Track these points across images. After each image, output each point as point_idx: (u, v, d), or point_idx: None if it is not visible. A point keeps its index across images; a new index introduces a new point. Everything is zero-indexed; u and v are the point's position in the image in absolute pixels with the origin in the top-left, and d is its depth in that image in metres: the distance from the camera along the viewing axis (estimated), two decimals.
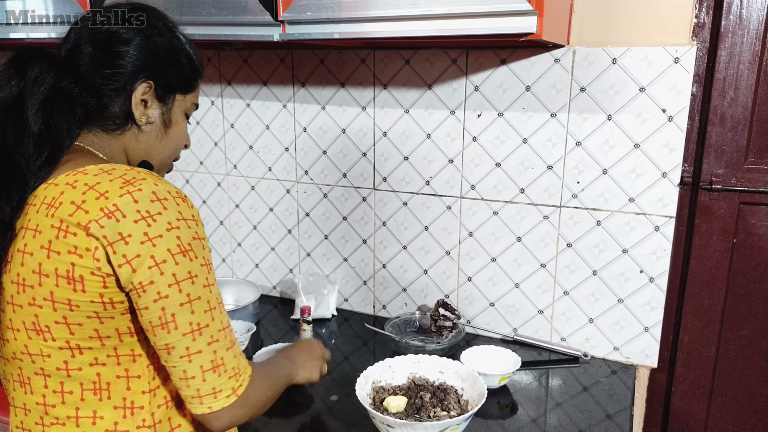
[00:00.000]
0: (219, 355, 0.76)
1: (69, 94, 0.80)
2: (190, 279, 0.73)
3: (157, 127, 0.87)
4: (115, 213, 0.70)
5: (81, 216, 0.71)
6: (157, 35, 0.84)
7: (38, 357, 0.76)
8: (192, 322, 0.74)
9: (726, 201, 1.34)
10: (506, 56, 1.40)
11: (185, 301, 0.73)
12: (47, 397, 0.77)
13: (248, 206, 1.83)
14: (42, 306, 0.74)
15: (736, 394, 1.43)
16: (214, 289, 0.77)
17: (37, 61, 0.79)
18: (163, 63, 0.84)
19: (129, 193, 0.72)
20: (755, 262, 1.35)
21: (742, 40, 1.27)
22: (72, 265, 0.71)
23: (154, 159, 0.90)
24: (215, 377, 0.76)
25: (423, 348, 1.45)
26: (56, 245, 0.72)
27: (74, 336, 0.74)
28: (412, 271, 1.65)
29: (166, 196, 0.74)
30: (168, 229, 0.72)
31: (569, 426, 1.19)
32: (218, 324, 0.76)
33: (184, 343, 0.74)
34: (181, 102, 0.90)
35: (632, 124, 1.33)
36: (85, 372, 0.76)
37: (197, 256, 0.75)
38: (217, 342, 0.76)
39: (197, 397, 0.76)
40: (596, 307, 1.45)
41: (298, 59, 1.64)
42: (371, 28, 1.14)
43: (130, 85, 0.82)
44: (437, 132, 1.52)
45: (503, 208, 1.49)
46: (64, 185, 0.74)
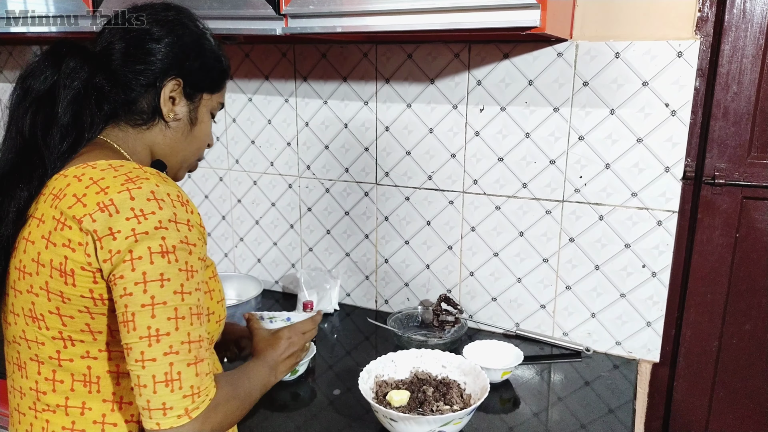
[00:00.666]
0: (175, 369, 0.71)
1: (100, 89, 0.82)
2: (160, 281, 0.71)
3: (183, 124, 0.89)
4: (110, 207, 0.71)
5: (78, 209, 0.72)
6: (188, 35, 0.86)
7: (33, 343, 0.78)
8: (150, 327, 0.70)
9: (729, 195, 1.34)
10: (509, 50, 1.40)
11: (148, 303, 0.70)
12: (39, 384, 0.79)
13: (250, 201, 1.83)
14: (38, 294, 0.75)
15: (737, 388, 1.43)
16: (189, 298, 0.73)
17: (72, 55, 0.80)
18: (193, 62, 0.86)
19: (128, 190, 0.72)
20: (757, 257, 1.35)
21: (745, 34, 1.26)
22: (65, 258, 0.72)
23: (178, 156, 0.90)
24: (167, 392, 0.70)
25: (425, 342, 1.45)
26: (54, 236, 0.73)
27: (66, 327, 0.75)
28: (415, 266, 1.65)
29: (164, 197, 0.74)
30: (156, 228, 0.71)
31: (571, 420, 1.19)
32: (182, 335, 0.71)
33: (140, 347, 0.70)
34: (208, 101, 0.91)
35: (635, 118, 1.33)
36: (76, 363, 0.77)
37: (178, 259, 0.72)
38: (175, 354, 0.71)
39: (146, 410, 0.71)
40: (598, 301, 1.45)
41: (299, 53, 1.64)
42: (373, 22, 1.14)
43: (160, 81, 0.84)
44: (439, 126, 1.52)
45: (505, 203, 1.49)
46: (72, 177, 0.75)
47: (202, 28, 0.90)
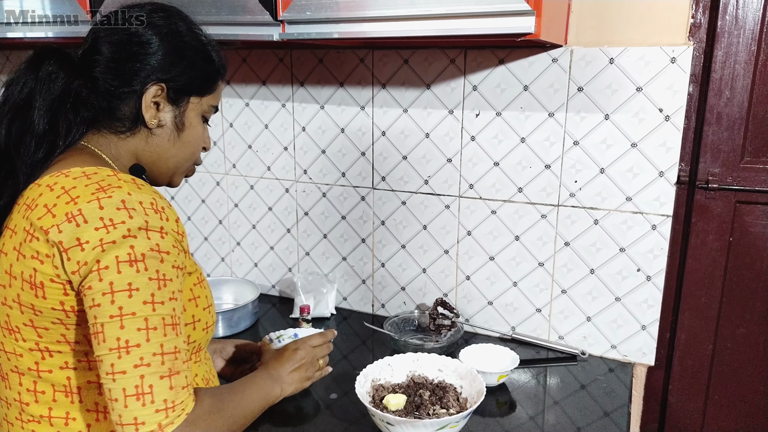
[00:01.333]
0: (147, 382, 0.68)
1: (77, 95, 0.80)
2: (128, 291, 0.68)
3: (168, 131, 0.85)
4: (77, 218, 0.69)
5: (46, 220, 0.70)
6: (174, 36, 0.83)
7: (12, 355, 0.76)
8: (120, 338, 0.67)
9: (722, 200, 1.35)
10: (504, 56, 1.41)
11: (116, 314, 0.68)
12: (22, 395, 0.77)
13: (247, 205, 1.83)
14: (11, 307, 0.73)
15: (732, 391, 1.44)
16: (162, 308, 0.70)
17: (50, 60, 0.79)
18: (178, 65, 0.83)
19: (98, 200, 0.70)
20: (751, 261, 1.36)
21: (738, 41, 1.28)
22: (34, 271, 0.70)
23: (168, 162, 0.87)
24: (138, 405, 0.67)
25: (422, 346, 1.45)
26: (24, 248, 0.71)
27: (42, 339, 0.74)
28: (411, 270, 1.65)
29: (135, 206, 0.71)
30: (124, 236, 0.69)
31: (567, 424, 1.20)
32: (153, 347, 0.68)
33: (109, 360, 0.68)
34: (197, 105, 0.87)
35: (629, 123, 1.34)
36: (55, 374, 0.75)
37: (147, 268, 0.69)
38: (146, 366, 0.68)
39: (119, 425, 0.68)
40: (594, 305, 1.46)
41: (296, 59, 1.65)
42: (370, 28, 1.14)
43: (141, 86, 0.81)
44: (436, 131, 1.52)
45: (501, 207, 1.50)
46: (45, 187, 0.74)
47: (194, 27, 0.87)
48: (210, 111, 0.91)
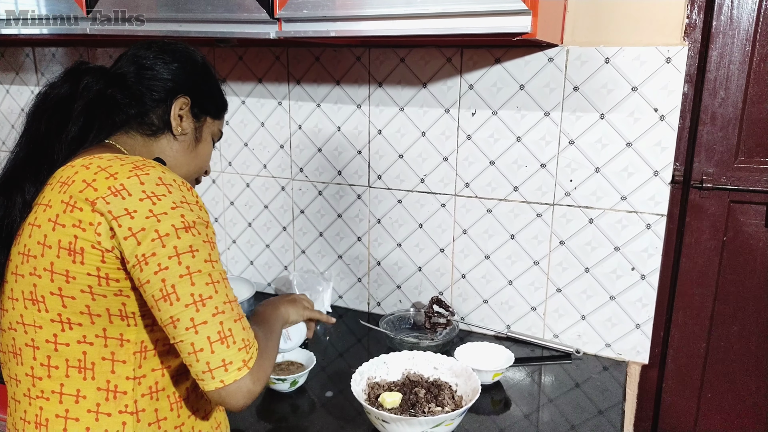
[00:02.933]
0: (226, 326, 0.76)
1: (112, 99, 0.89)
2: (191, 252, 0.75)
3: (189, 140, 0.95)
4: (122, 191, 0.75)
5: (90, 192, 0.75)
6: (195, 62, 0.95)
7: (31, 327, 0.79)
8: (194, 293, 0.74)
9: (716, 199, 1.36)
10: (500, 55, 1.41)
11: (185, 273, 0.74)
12: (35, 369, 0.80)
13: (243, 203, 1.83)
14: (41, 276, 0.77)
15: (725, 389, 1.45)
16: (217, 266, 0.78)
17: (90, 72, 0.89)
18: (201, 85, 0.95)
19: (137, 176, 0.76)
20: (744, 260, 1.37)
21: (732, 41, 1.28)
22: (75, 237, 0.75)
23: (182, 169, 0.96)
24: (224, 348, 0.75)
25: (417, 344, 1.46)
26: (62, 218, 0.76)
27: (66, 309, 0.77)
28: (407, 269, 1.65)
29: (171, 182, 0.78)
30: (173, 208, 0.76)
31: (561, 422, 1.20)
32: (222, 297, 0.77)
33: (188, 314, 0.74)
34: (211, 125, 0.99)
35: (624, 123, 1.34)
36: (72, 348, 0.78)
37: (200, 233, 0.77)
38: (222, 314, 0.76)
39: (208, 372, 0.75)
40: (588, 304, 1.47)
41: (293, 57, 1.65)
42: (367, 27, 1.14)
43: (171, 97, 0.91)
44: (432, 130, 1.53)
45: (497, 206, 1.50)
46: (80, 166, 0.80)
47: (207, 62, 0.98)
48: (218, 135, 1.02)
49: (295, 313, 1.06)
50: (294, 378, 1.26)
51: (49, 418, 0.79)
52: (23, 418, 0.81)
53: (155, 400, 0.82)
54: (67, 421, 0.79)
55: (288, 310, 1.05)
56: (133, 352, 0.80)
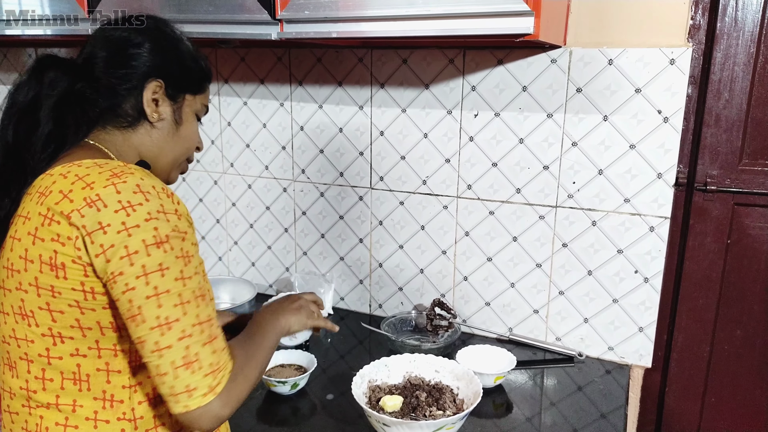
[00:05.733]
0: (192, 351, 0.73)
1: (82, 95, 0.84)
2: (160, 271, 0.72)
3: (168, 125, 0.90)
4: (97, 202, 0.72)
5: (65, 205, 0.73)
6: (165, 40, 0.89)
7: (23, 342, 0.78)
8: (159, 316, 0.72)
9: (720, 202, 1.35)
10: (503, 56, 1.41)
11: (152, 294, 0.72)
12: (30, 383, 0.79)
13: (245, 205, 1.83)
14: (27, 291, 0.76)
15: (729, 394, 1.44)
16: (191, 282, 0.75)
17: (53, 66, 0.84)
18: (172, 64, 0.89)
19: (113, 185, 0.74)
20: (749, 263, 1.36)
21: (737, 42, 1.27)
22: (55, 252, 0.73)
23: (167, 156, 0.92)
24: (188, 374, 0.72)
25: (419, 347, 1.45)
26: (41, 232, 0.74)
27: (56, 323, 0.76)
28: (408, 271, 1.65)
29: (150, 189, 0.75)
30: (146, 219, 0.72)
31: (564, 425, 1.19)
32: (191, 318, 0.73)
33: (153, 337, 0.72)
34: (192, 102, 0.93)
35: (628, 124, 1.34)
36: (65, 361, 0.77)
37: (173, 248, 0.74)
38: (189, 337, 0.73)
39: (172, 396, 0.73)
40: (591, 306, 1.46)
41: (295, 58, 1.64)
42: (369, 28, 1.14)
43: (142, 83, 0.86)
44: (434, 132, 1.52)
45: (499, 208, 1.50)
46: (58, 175, 0.77)
47: (179, 33, 0.93)
48: (202, 110, 0.96)
49: (297, 323, 1.00)
50: (295, 380, 1.25)
51: (49, 426, 0.79)
52: (25, 428, 0.81)
53: (153, 407, 0.81)
54: (66, 428, 0.79)
55: (290, 320, 0.98)
56: (128, 361, 0.79)
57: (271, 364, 1.33)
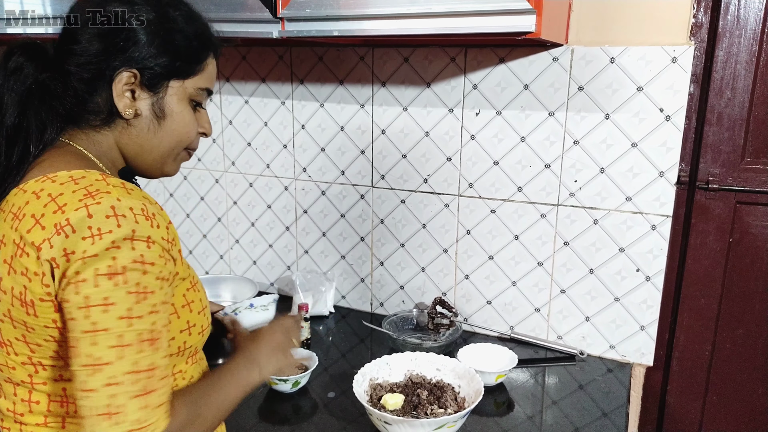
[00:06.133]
0: (117, 401, 0.64)
1: (46, 88, 0.75)
2: (103, 306, 0.64)
3: (147, 120, 0.78)
4: (65, 228, 0.65)
5: (36, 233, 0.67)
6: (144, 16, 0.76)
7: (5, 367, 0.74)
8: (91, 355, 0.64)
9: (722, 200, 1.35)
10: (505, 55, 1.41)
11: (89, 329, 0.64)
12: (17, 405, 0.75)
13: (246, 203, 1.83)
14: (3, 321, 0.71)
15: (731, 392, 1.44)
16: (139, 323, 0.66)
17: (18, 53, 0.74)
18: (150, 47, 0.75)
19: (86, 206, 0.66)
20: (751, 262, 1.36)
21: (739, 41, 1.27)
22: (24, 288, 0.67)
23: (152, 153, 0.81)
24: (106, 426, 0.63)
25: (420, 345, 1.45)
26: (14, 263, 0.68)
27: (35, 354, 0.71)
28: (410, 269, 1.65)
29: (126, 212, 0.67)
30: (107, 248, 0.65)
31: (565, 424, 1.19)
32: (126, 365, 0.64)
33: (81, 376, 0.64)
34: (179, 89, 0.79)
35: (630, 123, 1.33)
36: (50, 386, 0.73)
37: (127, 281, 0.65)
38: (117, 385, 0.64)
39: None
40: (593, 305, 1.46)
41: (296, 56, 1.64)
42: (370, 26, 1.14)
43: (110, 73, 0.74)
44: (435, 130, 1.52)
45: (501, 207, 1.49)
46: (31, 194, 0.70)
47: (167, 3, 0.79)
48: (200, 95, 0.82)
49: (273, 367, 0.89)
50: (296, 378, 1.26)
51: None
52: None
53: None
54: None
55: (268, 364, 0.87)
56: None
57: None
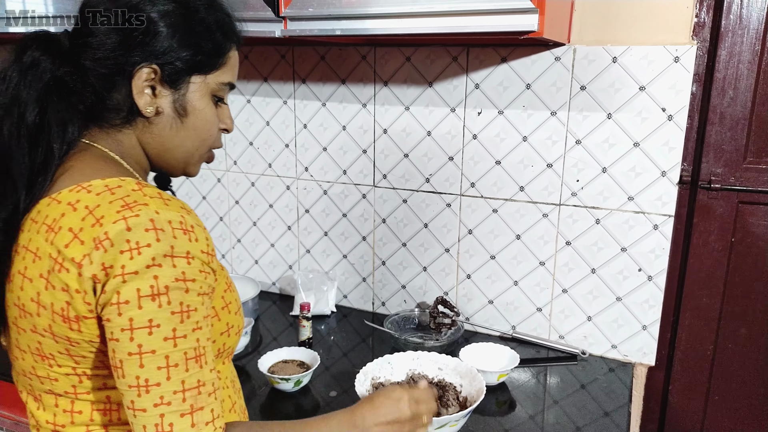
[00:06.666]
0: (167, 420, 0.64)
1: (64, 83, 0.72)
2: (149, 328, 0.63)
3: (169, 118, 0.76)
4: (104, 242, 0.64)
5: (76, 249, 0.65)
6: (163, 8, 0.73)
7: (46, 380, 0.73)
8: (139, 377, 0.64)
9: (724, 200, 1.35)
10: (507, 54, 1.41)
11: (135, 351, 0.63)
12: (57, 417, 0.74)
13: (248, 202, 1.83)
14: (44, 335, 0.69)
15: (732, 392, 1.44)
16: (184, 342, 0.65)
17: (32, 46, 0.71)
18: (171, 42, 0.73)
19: (124, 219, 0.64)
20: (753, 261, 1.36)
21: (741, 40, 1.27)
22: (67, 304, 0.66)
23: (174, 152, 0.79)
24: None
25: (422, 345, 1.45)
26: (53, 278, 0.66)
27: (79, 365, 0.70)
28: (412, 269, 1.65)
29: (164, 226, 0.65)
30: (148, 266, 0.63)
31: (567, 423, 1.19)
32: (174, 384, 0.65)
33: (129, 396, 0.65)
34: (202, 84, 0.77)
35: (632, 122, 1.33)
36: (93, 394, 0.72)
37: (170, 301, 0.64)
38: (167, 405, 0.64)
39: None
40: (594, 305, 1.46)
41: (298, 55, 1.64)
42: (373, 25, 1.14)
43: (129, 69, 0.72)
44: (437, 129, 1.52)
45: (503, 206, 1.49)
46: (66, 205, 0.67)
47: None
48: (222, 89, 0.80)
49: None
50: (298, 378, 1.26)
51: None
52: None
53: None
54: None
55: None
56: None
57: (274, 361, 1.33)
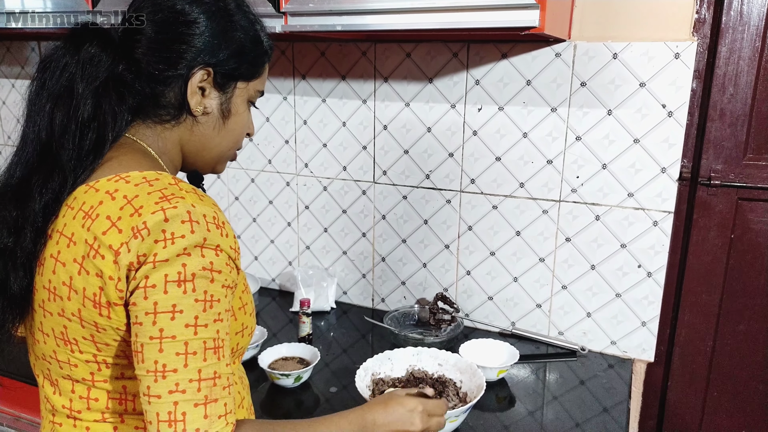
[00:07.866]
0: (180, 409, 0.64)
1: (122, 81, 0.74)
2: (171, 313, 0.65)
3: (214, 118, 0.80)
4: (142, 231, 0.65)
5: (113, 236, 0.66)
6: (223, 15, 0.77)
7: (65, 365, 0.74)
8: (157, 361, 0.65)
9: (724, 197, 1.35)
10: (507, 50, 1.41)
11: (156, 335, 0.65)
12: (73, 402, 0.75)
13: (248, 199, 1.83)
14: (70, 320, 0.70)
15: (731, 388, 1.44)
16: (205, 332, 0.66)
17: (92, 41, 0.73)
18: (226, 47, 0.77)
19: (162, 210, 0.66)
20: (752, 258, 1.36)
21: (742, 36, 1.27)
22: (99, 289, 0.67)
23: (212, 152, 0.83)
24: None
25: (422, 341, 1.45)
26: (87, 263, 0.67)
27: (101, 353, 0.71)
28: (411, 265, 1.65)
29: (199, 219, 0.67)
30: (178, 255, 0.65)
31: (566, 419, 1.20)
32: (190, 373, 0.65)
33: (146, 381, 0.65)
34: (243, 90, 0.82)
35: (632, 119, 1.33)
36: (110, 384, 0.73)
37: (195, 289, 0.66)
38: (181, 393, 0.65)
39: None
40: (594, 301, 1.46)
41: (298, 51, 1.64)
42: (373, 21, 1.14)
43: (187, 71, 0.76)
44: (437, 126, 1.52)
45: (503, 202, 1.49)
46: (104, 193, 0.69)
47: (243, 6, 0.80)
48: (256, 96, 0.85)
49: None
50: (298, 373, 1.26)
51: None
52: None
53: None
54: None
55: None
56: None
57: (274, 357, 1.33)
